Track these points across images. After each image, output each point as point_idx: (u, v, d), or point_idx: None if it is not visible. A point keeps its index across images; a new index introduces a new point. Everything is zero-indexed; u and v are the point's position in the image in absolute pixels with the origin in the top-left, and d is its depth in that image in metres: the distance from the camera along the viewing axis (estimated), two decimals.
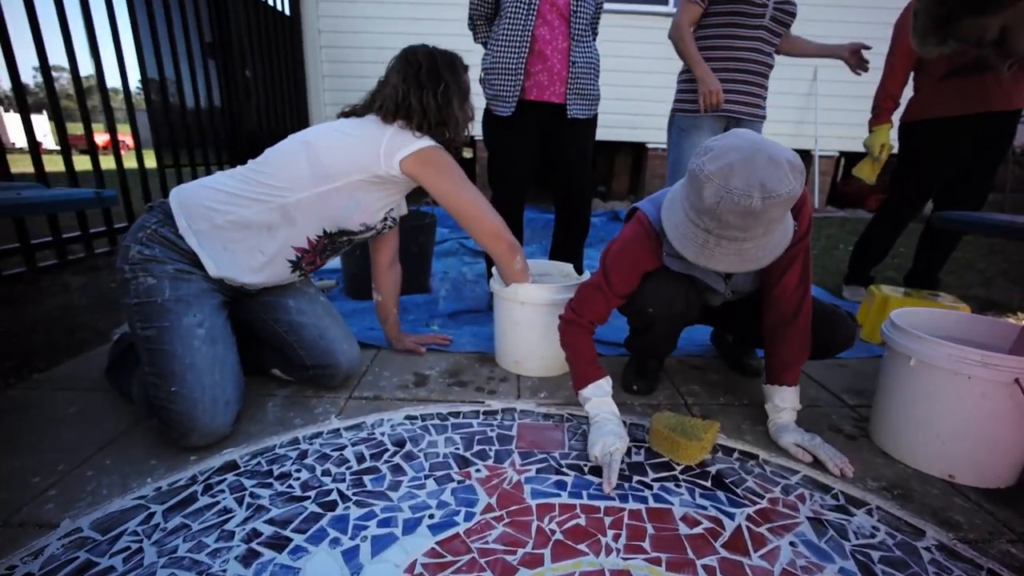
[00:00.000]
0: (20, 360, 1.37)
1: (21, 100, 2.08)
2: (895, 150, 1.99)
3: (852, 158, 5.55)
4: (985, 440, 0.95)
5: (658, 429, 1.06)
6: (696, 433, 1.04)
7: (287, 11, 4.37)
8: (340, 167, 1.12)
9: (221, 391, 1.04)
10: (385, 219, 1.26)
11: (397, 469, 1.00)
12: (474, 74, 1.33)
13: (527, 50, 1.63)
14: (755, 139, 0.85)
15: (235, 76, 3.57)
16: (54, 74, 2.19)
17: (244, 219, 1.10)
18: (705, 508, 0.92)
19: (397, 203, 1.28)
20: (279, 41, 4.18)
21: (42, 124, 18.34)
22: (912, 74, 1.94)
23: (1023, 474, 0.99)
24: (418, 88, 1.16)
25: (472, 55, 1.36)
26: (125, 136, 9.63)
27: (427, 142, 1.16)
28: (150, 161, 2.77)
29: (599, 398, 1.07)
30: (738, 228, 0.84)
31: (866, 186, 1.84)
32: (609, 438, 0.99)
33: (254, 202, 1.11)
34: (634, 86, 4.62)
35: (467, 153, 6.82)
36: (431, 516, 0.88)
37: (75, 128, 2.33)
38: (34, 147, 2.10)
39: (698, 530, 0.86)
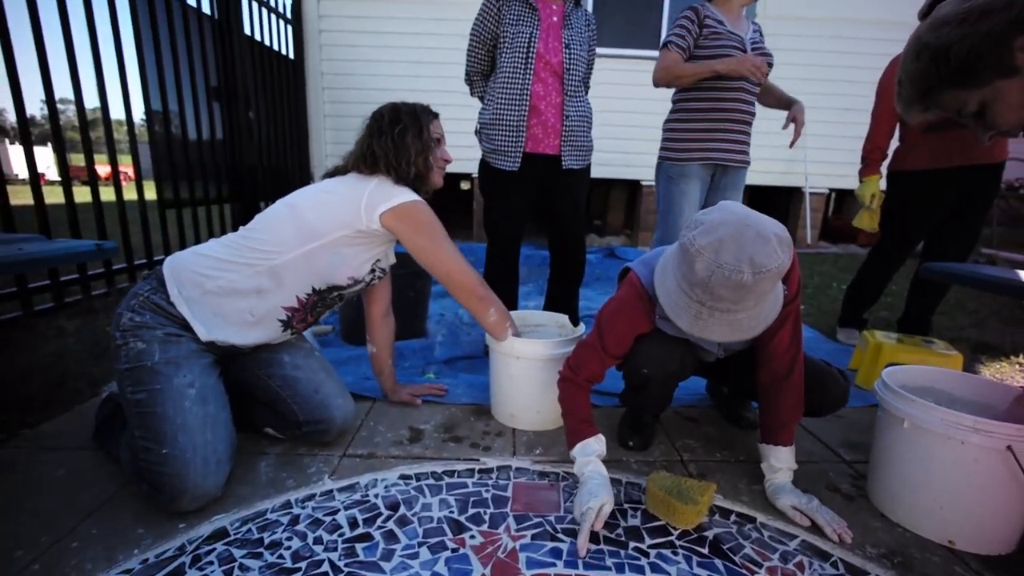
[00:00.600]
0: (9, 415, 1.36)
1: (25, 133, 2.12)
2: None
3: (842, 194, 5.66)
4: (982, 506, 0.95)
5: (654, 492, 1.05)
6: (692, 496, 1.03)
7: (291, 55, 4.52)
8: (324, 225, 1.15)
9: (212, 450, 1.03)
10: (373, 271, 1.28)
11: (390, 536, 0.98)
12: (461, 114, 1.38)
13: (527, 108, 1.69)
14: (743, 213, 0.88)
15: (239, 116, 3.65)
16: (60, 106, 2.24)
17: (233, 285, 1.13)
18: None
19: (384, 254, 1.30)
20: (283, 82, 4.30)
21: (45, 156, 18.63)
22: (898, 125, 2.01)
23: (1023, 539, 0.98)
24: (379, 135, 1.21)
25: (468, 110, 1.41)
26: (127, 168, 9.76)
27: (407, 196, 1.19)
28: (150, 193, 2.80)
29: (586, 457, 1.07)
30: (730, 300, 0.85)
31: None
32: (584, 496, 0.99)
33: (243, 267, 1.13)
34: (628, 126, 4.74)
35: (464, 184, 6.93)
36: None
37: (77, 159, 2.36)
38: (35, 181, 2.11)
39: None
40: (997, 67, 0.64)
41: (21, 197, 2.54)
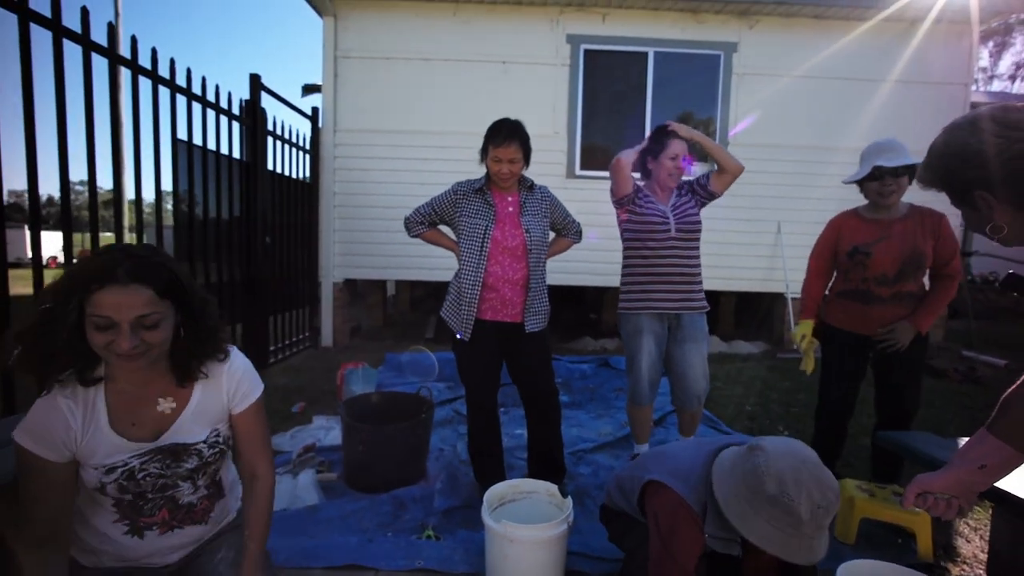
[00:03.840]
0: None
1: (36, 221, 2.22)
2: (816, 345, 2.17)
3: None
4: None
5: None
6: None
7: (307, 178, 4.97)
8: None
9: None
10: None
11: None
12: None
13: (480, 287, 1.94)
14: (794, 449, 1.07)
15: (257, 243, 3.98)
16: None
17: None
18: None
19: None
20: (298, 203, 4.71)
21: (55, 240, 19.39)
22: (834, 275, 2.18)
23: None
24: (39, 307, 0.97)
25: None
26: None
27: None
28: None
29: None
30: (826, 524, 1.04)
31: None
32: None
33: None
34: (618, 239, 5.10)
35: (391, 290, 7.07)
36: None
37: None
38: (38, 268, 2.16)
39: None
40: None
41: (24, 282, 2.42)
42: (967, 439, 0.97)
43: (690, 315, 2.20)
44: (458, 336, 2.00)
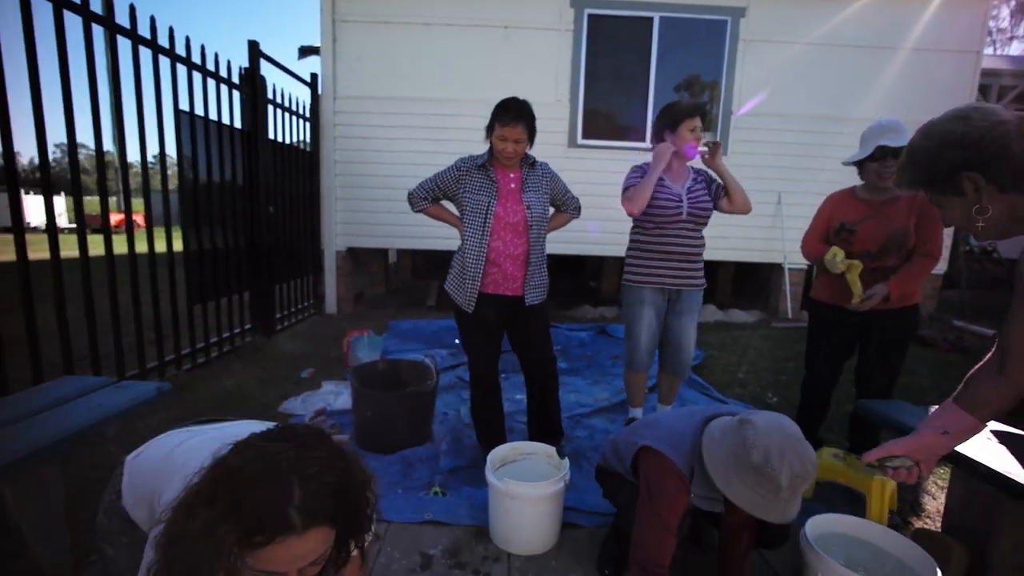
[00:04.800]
0: None
1: (47, 184, 2.29)
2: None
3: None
4: None
5: None
6: None
7: (308, 147, 4.96)
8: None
9: None
10: None
11: None
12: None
13: (483, 262, 2.01)
14: (780, 426, 1.17)
15: (259, 212, 4.02)
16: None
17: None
18: None
19: None
20: (299, 172, 4.72)
21: (58, 204, 19.22)
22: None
23: None
24: (179, 509, 0.73)
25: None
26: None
27: None
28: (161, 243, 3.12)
29: None
30: (802, 490, 1.15)
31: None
32: None
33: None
34: (621, 208, 5.13)
35: (392, 258, 7.12)
36: None
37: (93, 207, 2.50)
38: (53, 233, 2.28)
39: None
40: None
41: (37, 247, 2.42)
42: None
43: (689, 291, 2.30)
44: (459, 304, 2.08)
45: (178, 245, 3.17)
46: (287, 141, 4.44)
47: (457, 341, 2.93)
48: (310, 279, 5.08)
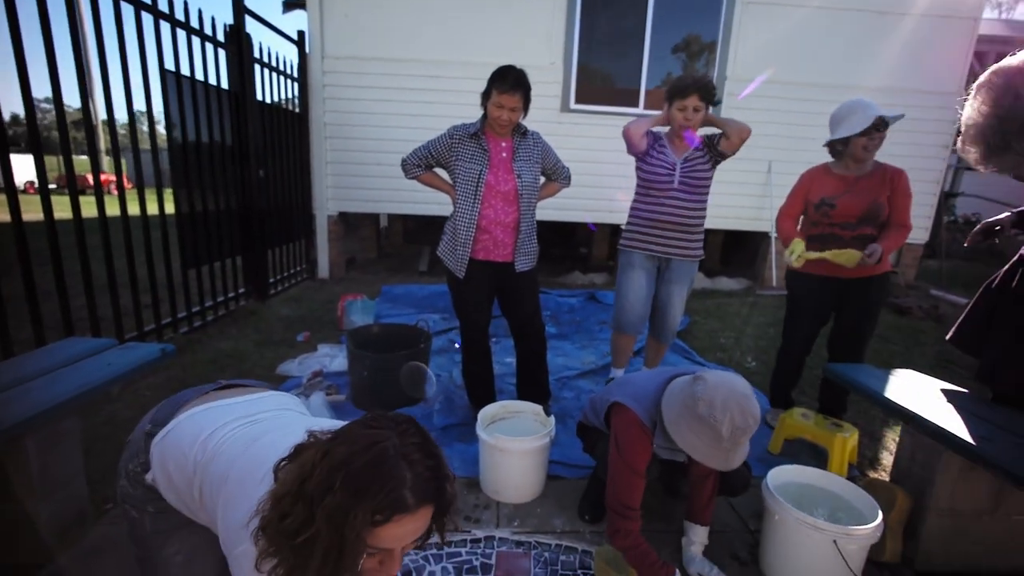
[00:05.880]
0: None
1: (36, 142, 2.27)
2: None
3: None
4: (821, 574, 1.35)
5: (599, 563, 1.44)
6: (626, 567, 1.41)
7: (297, 109, 4.88)
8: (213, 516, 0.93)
9: None
10: None
11: None
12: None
13: (474, 229, 2.07)
14: (731, 383, 1.26)
15: (250, 175, 4.00)
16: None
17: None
18: None
19: None
20: (289, 134, 4.66)
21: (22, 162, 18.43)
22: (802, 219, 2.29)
23: None
24: (292, 501, 0.74)
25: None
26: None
27: None
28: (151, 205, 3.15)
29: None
30: (743, 443, 1.25)
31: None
32: None
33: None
34: (611, 175, 5.14)
35: (383, 223, 7.10)
36: None
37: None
38: (46, 195, 2.30)
39: None
40: None
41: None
42: (905, 371, 1.16)
43: (680, 260, 2.37)
44: (451, 269, 2.15)
45: (170, 209, 3.16)
46: (276, 102, 4.37)
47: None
48: (302, 244, 5.10)
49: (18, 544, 1.40)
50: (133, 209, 2.85)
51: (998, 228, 1.66)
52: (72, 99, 21.25)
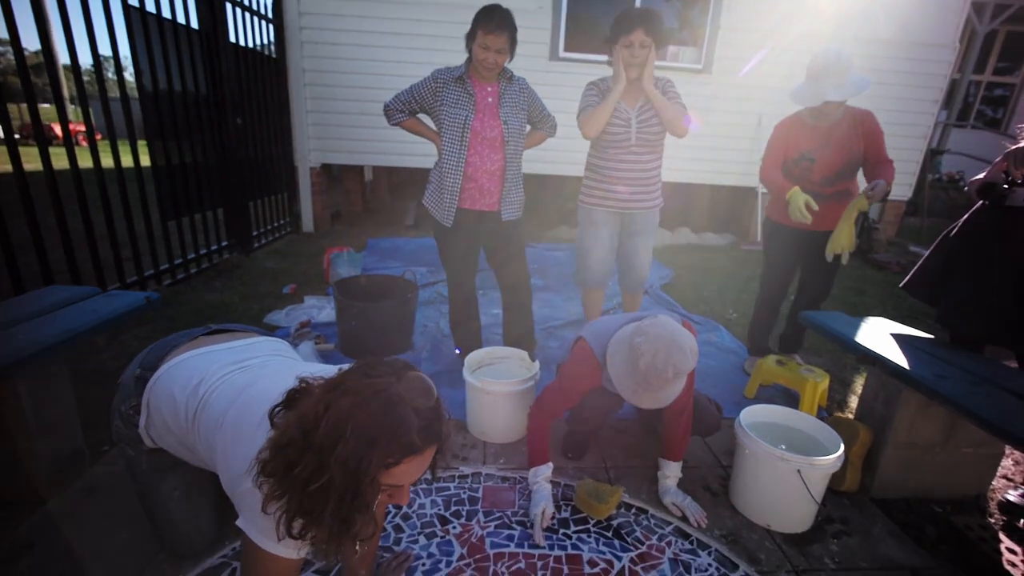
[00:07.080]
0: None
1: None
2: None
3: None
4: (786, 503, 1.46)
5: (579, 494, 1.53)
6: (605, 497, 1.51)
7: (274, 54, 4.65)
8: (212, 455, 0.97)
9: (197, 529, 1.24)
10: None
11: (397, 528, 1.44)
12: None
13: (461, 176, 2.04)
14: (672, 332, 1.29)
15: (227, 123, 3.85)
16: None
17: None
18: (604, 553, 1.39)
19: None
20: (266, 81, 4.47)
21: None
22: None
23: (814, 521, 1.50)
24: (300, 455, 0.75)
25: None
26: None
27: (269, 544, 0.86)
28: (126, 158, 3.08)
29: (536, 477, 1.53)
30: (657, 388, 1.30)
31: (783, 209, 2.17)
32: (539, 505, 1.46)
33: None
34: None
35: (368, 175, 6.96)
36: (423, 564, 1.32)
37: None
38: (12, 145, 2.20)
39: (597, 570, 1.33)
40: None
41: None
42: (875, 318, 1.19)
43: (642, 212, 2.32)
44: (438, 219, 2.14)
45: (145, 161, 3.05)
46: (250, 45, 4.16)
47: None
48: (285, 196, 4.99)
49: (18, 482, 1.44)
50: (107, 162, 2.75)
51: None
52: (30, 41, 19.84)
